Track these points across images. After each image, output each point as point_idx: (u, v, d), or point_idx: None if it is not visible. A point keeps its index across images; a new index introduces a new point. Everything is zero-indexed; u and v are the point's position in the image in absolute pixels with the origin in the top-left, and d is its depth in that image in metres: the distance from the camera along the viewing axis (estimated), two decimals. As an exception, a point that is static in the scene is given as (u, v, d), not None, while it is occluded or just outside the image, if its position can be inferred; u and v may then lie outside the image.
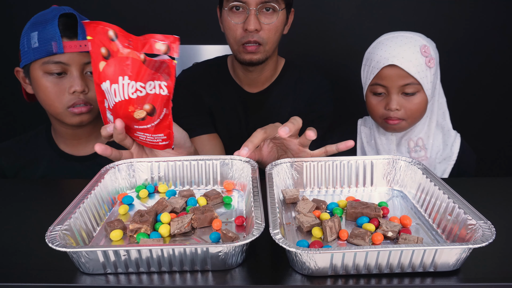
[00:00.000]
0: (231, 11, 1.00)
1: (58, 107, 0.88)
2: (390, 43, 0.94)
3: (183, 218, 0.56)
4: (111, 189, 0.65)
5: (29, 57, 0.87)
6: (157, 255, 0.46)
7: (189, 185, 0.70)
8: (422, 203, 0.62)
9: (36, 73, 0.87)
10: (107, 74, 0.61)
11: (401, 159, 0.68)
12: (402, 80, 0.92)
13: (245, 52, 1.02)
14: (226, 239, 0.52)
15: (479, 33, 1.58)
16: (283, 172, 0.68)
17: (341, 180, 0.69)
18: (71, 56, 0.86)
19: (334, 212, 0.60)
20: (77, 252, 0.45)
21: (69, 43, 0.85)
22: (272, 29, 1.01)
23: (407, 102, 0.94)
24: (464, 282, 0.45)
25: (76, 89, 0.86)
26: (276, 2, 0.99)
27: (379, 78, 0.94)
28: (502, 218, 0.59)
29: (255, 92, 1.14)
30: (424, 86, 0.93)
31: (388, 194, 0.68)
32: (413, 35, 0.95)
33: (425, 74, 0.92)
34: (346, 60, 1.38)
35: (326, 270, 0.46)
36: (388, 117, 0.95)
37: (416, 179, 0.65)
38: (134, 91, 0.61)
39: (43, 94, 0.88)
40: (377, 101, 0.97)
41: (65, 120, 0.90)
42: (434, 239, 0.54)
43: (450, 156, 0.99)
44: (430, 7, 1.55)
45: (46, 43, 0.84)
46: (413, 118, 0.96)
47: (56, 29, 0.84)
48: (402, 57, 0.91)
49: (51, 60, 0.85)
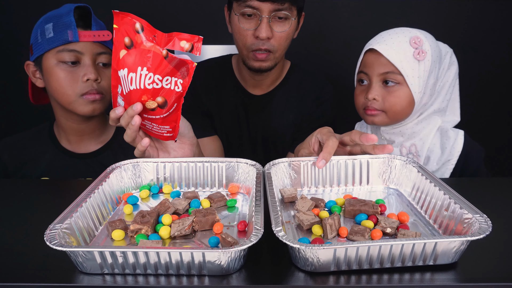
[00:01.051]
0: (242, 17, 0.98)
1: (71, 95, 0.90)
2: (383, 33, 0.91)
3: (184, 220, 0.55)
4: (116, 188, 0.65)
5: (43, 47, 0.89)
6: (153, 257, 0.45)
7: (194, 186, 0.71)
8: (418, 200, 0.63)
9: (49, 62, 0.89)
10: (126, 63, 0.63)
11: (396, 158, 0.70)
12: (383, 67, 0.87)
13: (254, 59, 1.01)
14: (225, 244, 0.51)
15: (479, 33, 1.60)
16: (281, 172, 0.69)
17: (337, 179, 0.70)
18: (85, 45, 0.89)
19: (333, 210, 0.61)
20: (74, 252, 0.45)
21: (84, 32, 0.88)
22: (284, 36, 0.99)
23: (387, 93, 0.88)
24: (463, 282, 0.46)
25: (90, 76, 0.89)
26: (289, 10, 0.97)
27: (363, 65, 0.91)
28: (499, 214, 0.60)
29: (258, 95, 1.13)
30: (408, 79, 0.86)
31: (384, 193, 0.69)
32: (413, 29, 0.90)
33: (411, 66, 0.86)
34: (343, 62, 1.39)
35: (329, 265, 0.46)
36: (367, 106, 0.90)
37: (412, 177, 0.66)
38: (151, 82, 0.63)
39: (56, 83, 0.90)
40: (361, 90, 0.93)
41: (77, 109, 0.91)
42: (431, 234, 0.55)
43: (449, 159, 0.91)
44: (431, 8, 1.57)
45: (62, 32, 0.87)
46: (393, 113, 0.89)
47: (71, 19, 0.87)
48: (386, 44, 0.86)
49: (66, 49, 0.88)
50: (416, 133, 0.92)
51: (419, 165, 0.67)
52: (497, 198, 0.69)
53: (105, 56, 0.92)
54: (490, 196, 0.70)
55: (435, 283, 0.46)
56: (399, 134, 0.94)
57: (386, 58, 0.86)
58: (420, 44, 0.86)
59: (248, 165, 0.68)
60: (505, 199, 0.68)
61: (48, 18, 0.90)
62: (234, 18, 1.00)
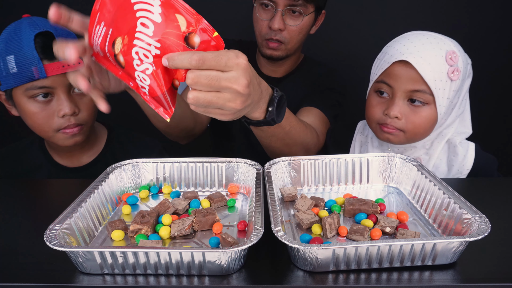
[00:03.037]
0: (260, 7, 1.03)
1: (48, 131, 0.84)
2: (413, 38, 0.78)
3: (184, 220, 0.55)
4: (116, 188, 0.65)
5: (9, 83, 0.80)
6: (153, 258, 0.45)
7: (194, 187, 0.71)
8: (418, 199, 0.63)
9: (20, 98, 0.82)
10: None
11: (396, 157, 0.70)
12: (412, 84, 0.75)
13: (267, 48, 1.06)
14: (225, 244, 0.51)
15: (479, 33, 1.59)
16: (281, 171, 0.69)
17: (338, 178, 0.70)
18: (56, 79, 0.80)
19: (333, 209, 0.61)
20: (74, 252, 0.45)
21: (51, 65, 0.78)
22: (296, 30, 1.03)
23: (412, 112, 0.77)
24: (461, 282, 0.46)
25: (65, 112, 0.81)
26: (303, 6, 1.00)
27: (387, 75, 0.79)
28: (498, 215, 0.61)
29: (271, 76, 1.17)
30: (438, 100, 0.75)
31: (384, 191, 0.69)
32: (445, 38, 0.79)
33: (443, 85, 0.75)
34: (346, 66, 1.38)
35: (328, 265, 0.46)
36: (385, 123, 0.80)
37: (412, 176, 0.66)
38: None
39: (31, 119, 0.83)
40: (378, 102, 0.82)
41: (58, 142, 0.86)
42: (430, 233, 0.55)
43: (457, 177, 0.83)
44: (431, 10, 1.56)
45: (26, 69, 0.77)
46: (414, 134, 0.79)
47: (34, 52, 0.77)
48: (420, 56, 0.74)
49: (35, 86, 0.79)
50: (423, 146, 0.84)
51: (419, 164, 0.67)
52: (497, 198, 0.69)
53: None
54: (490, 196, 0.70)
55: (434, 283, 0.46)
56: (408, 147, 0.85)
57: (419, 74, 0.74)
58: (456, 61, 0.75)
59: (248, 165, 0.68)
60: (504, 199, 0.68)
61: (8, 46, 0.79)
62: (255, 7, 1.06)
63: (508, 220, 0.60)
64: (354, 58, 1.49)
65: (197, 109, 0.53)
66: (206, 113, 0.54)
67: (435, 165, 0.84)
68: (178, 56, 0.48)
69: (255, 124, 0.66)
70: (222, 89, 0.51)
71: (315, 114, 1.01)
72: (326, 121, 1.03)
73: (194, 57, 0.47)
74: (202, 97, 0.50)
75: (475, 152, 0.83)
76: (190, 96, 0.51)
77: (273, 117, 0.64)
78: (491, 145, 1.70)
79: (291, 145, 0.77)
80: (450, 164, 0.84)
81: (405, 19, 1.52)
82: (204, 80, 0.49)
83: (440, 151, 0.84)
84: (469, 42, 1.58)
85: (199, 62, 0.48)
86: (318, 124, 0.98)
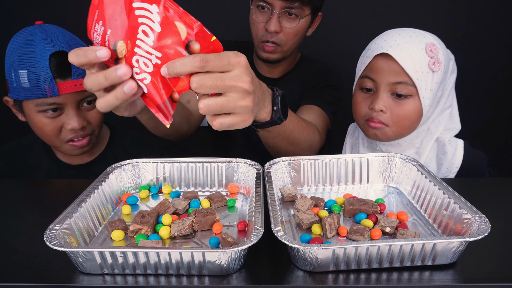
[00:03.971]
0: (257, 9, 1.04)
1: (56, 141, 0.86)
2: (394, 33, 0.80)
3: (184, 220, 0.55)
4: (116, 188, 0.65)
5: (19, 95, 0.81)
6: (153, 258, 0.45)
7: (194, 187, 0.71)
8: (418, 199, 0.63)
9: (29, 110, 0.83)
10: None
11: (396, 157, 0.70)
12: (395, 76, 0.77)
13: (263, 51, 1.07)
14: (225, 244, 0.51)
15: (479, 32, 1.59)
16: (281, 171, 0.69)
17: (338, 178, 0.70)
18: (66, 96, 0.81)
19: (333, 209, 0.61)
20: (74, 252, 0.45)
21: (63, 84, 0.80)
22: (292, 33, 1.04)
23: (396, 105, 0.79)
24: (461, 282, 0.46)
25: (74, 126, 0.83)
26: (299, 9, 1.00)
27: (369, 69, 0.80)
28: (498, 215, 0.61)
29: (268, 77, 1.17)
30: (421, 92, 0.77)
31: (384, 191, 0.69)
32: (426, 32, 0.80)
33: (425, 77, 0.77)
34: (341, 66, 1.39)
35: (328, 265, 0.46)
36: (371, 118, 0.81)
37: (411, 176, 0.66)
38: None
39: (39, 130, 0.85)
40: (363, 97, 0.83)
41: (65, 152, 0.89)
42: (430, 233, 0.55)
43: (447, 175, 0.84)
44: (430, 9, 1.56)
45: (38, 87, 0.79)
46: (399, 127, 0.80)
47: (48, 72, 0.78)
48: (400, 49, 0.76)
49: (45, 102, 0.81)
50: (413, 144, 0.85)
51: (419, 164, 0.67)
52: (496, 198, 0.69)
53: (90, 96, 0.85)
54: (490, 196, 0.70)
55: (433, 283, 0.46)
56: (396, 145, 0.86)
57: (400, 66, 0.76)
58: (436, 52, 0.77)
59: (248, 165, 0.68)
60: (504, 199, 0.68)
61: (21, 61, 0.79)
62: (251, 9, 1.06)
63: (508, 220, 0.60)
64: (349, 58, 1.49)
65: (221, 127, 0.52)
66: (230, 126, 0.53)
67: (425, 164, 0.85)
68: (179, 61, 0.48)
69: (263, 126, 0.66)
70: (227, 89, 0.50)
71: (315, 111, 1.02)
72: (325, 118, 1.04)
73: (196, 59, 0.47)
74: (213, 103, 0.50)
75: (464, 150, 0.84)
76: (201, 105, 0.50)
77: (280, 115, 0.64)
78: (491, 145, 1.71)
79: (295, 143, 0.78)
80: (439, 163, 0.85)
81: (402, 19, 1.53)
82: (209, 82, 0.49)
83: (430, 150, 0.85)
84: (468, 42, 1.60)
85: (203, 62, 0.47)
86: (318, 121, 0.99)
